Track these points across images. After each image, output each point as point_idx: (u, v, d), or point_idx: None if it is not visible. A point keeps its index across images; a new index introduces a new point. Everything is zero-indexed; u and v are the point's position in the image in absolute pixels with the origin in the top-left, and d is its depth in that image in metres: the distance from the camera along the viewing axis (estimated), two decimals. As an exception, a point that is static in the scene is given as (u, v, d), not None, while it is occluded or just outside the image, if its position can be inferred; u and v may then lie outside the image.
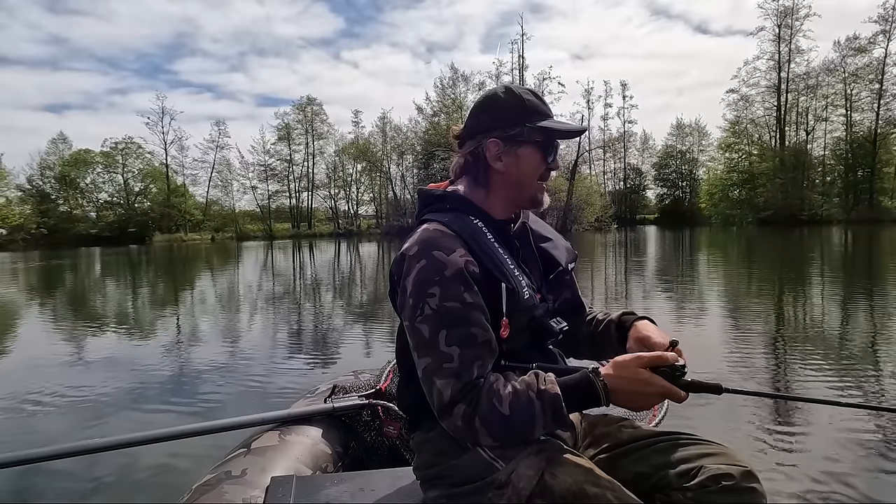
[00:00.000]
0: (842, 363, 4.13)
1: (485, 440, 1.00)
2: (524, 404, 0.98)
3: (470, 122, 1.19)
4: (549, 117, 1.17)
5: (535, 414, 0.98)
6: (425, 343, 1.02)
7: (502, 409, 0.98)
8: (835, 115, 47.96)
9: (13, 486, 2.48)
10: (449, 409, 0.99)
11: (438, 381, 1.00)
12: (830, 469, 2.41)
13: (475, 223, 1.13)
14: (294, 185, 57.45)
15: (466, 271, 1.03)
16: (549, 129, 1.14)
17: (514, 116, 1.14)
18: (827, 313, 6.47)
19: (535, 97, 1.17)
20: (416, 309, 1.03)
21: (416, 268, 1.04)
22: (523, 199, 1.19)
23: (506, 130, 1.14)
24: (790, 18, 46.63)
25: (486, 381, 1.00)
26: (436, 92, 51.11)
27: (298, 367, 4.61)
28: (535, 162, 1.16)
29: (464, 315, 1.01)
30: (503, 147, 1.14)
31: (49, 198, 52.11)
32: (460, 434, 1.01)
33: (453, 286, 1.02)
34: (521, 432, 0.99)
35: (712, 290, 8.54)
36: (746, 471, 1.00)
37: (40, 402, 3.80)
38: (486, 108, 1.17)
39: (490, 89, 1.22)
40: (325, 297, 9.79)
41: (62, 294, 11.91)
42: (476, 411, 0.98)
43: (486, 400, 0.98)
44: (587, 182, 49.55)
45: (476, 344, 1.01)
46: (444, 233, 1.08)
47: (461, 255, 1.05)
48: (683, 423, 2.90)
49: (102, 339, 6.31)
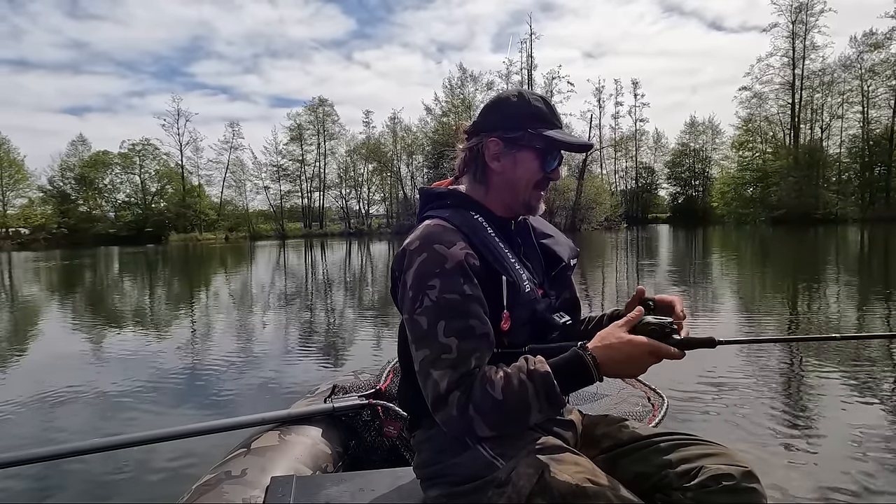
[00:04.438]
0: (858, 365, 4.07)
1: (480, 429, 0.99)
2: (517, 388, 0.97)
3: (478, 119, 1.21)
4: (556, 128, 1.16)
5: (528, 396, 0.97)
6: (423, 335, 1.02)
7: (495, 393, 0.97)
8: (851, 112, 47.28)
9: (14, 486, 2.49)
10: (444, 398, 0.98)
11: (435, 373, 0.99)
12: (831, 469, 2.39)
13: (476, 219, 1.14)
14: (306, 186, 57.91)
15: (467, 264, 1.04)
16: (550, 138, 1.14)
17: (519, 120, 1.15)
18: (842, 318, 6.36)
19: (546, 106, 1.18)
20: (415, 301, 1.03)
21: (417, 261, 1.05)
22: (517, 203, 1.19)
23: (507, 132, 1.15)
24: (804, 14, 45.97)
25: (480, 370, 1.00)
26: (445, 92, 51.28)
27: (299, 367, 4.61)
28: (531, 168, 1.16)
29: (463, 307, 1.01)
30: (503, 148, 1.16)
31: (69, 198, 53.24)
32: (455, 426, 0.99)
33: (453, 278, 1.02)
34: (516, 418, 0.98)
35: (723, 296, 8.43)
36: (746, 471, 0.99)
37: (41, 401, 3.83)
38: (494, 108, 1.19)
39: (505, 91, 1.23)
40: (329, 296, 9.82)
41: (82, 293, 12.09)
42: (470, 399, 0.97)
43: (479, 387, 0.98)
44: (597, 181, 49.30)
45: (474, 336, 1.01)
46: (446, 227, 1.09)
47: (462, 248, 1.05)
48: (684, 424, 2.91)
49: (112, 337, 6.37)
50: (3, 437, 3.21)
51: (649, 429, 1.20)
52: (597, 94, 57.59)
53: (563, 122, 1.21)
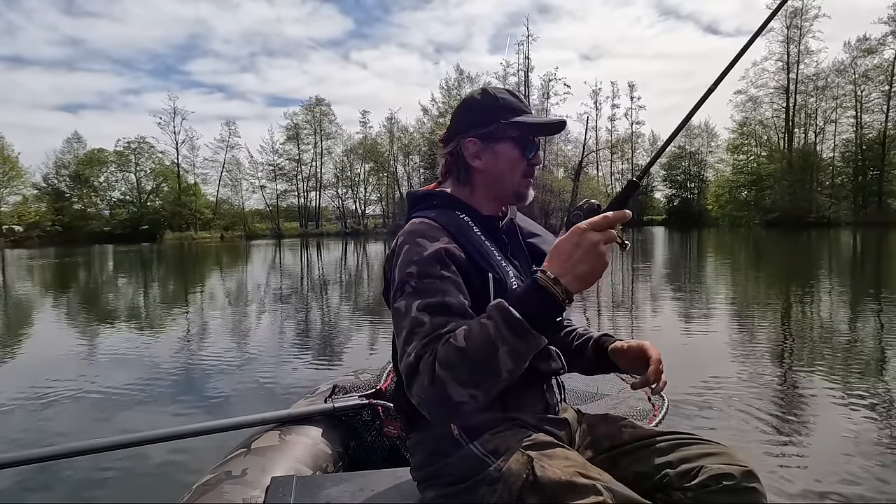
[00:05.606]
0: (851, 369, 4.09)
1: (455, 391, 0.91)
2: (477, 330, 0.93)
3: (451, 124, 1.22)
4: (527, 114, 1.18)
5: (490, 333, 0.92)
6: (402, 316, 1.00)
7: (458, 342, 0.93)
8: (844, 117, 47.61)
9: (13, 486, 2.48)
10: (415, 367, 0.94)
11: (408, 348, 0.97)
12: (831, 469, 2.40)
13: (462, 218, 1.15)
14: (302, 185, 57.89)
15: (446, 254, 1.04)
16: (523, 123, 1.16)
17: (489, 115, 1.16)
18: (838, 321, 6.39)
19: (512, 95, 1.20)
20: (398, 291, 1.03)
21: (402, 254, 1.06)
22: (507, 194, 1.20)
23: (481, 129, 1.16)
24: (799, 19, 46.32)
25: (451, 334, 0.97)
26: (441, 93, 51.36)
27: (299, 367, 4.60)
28: (513, 157, 1.17)
29: (440, 287, 1.00)
30: (481, 145, 1.17)
31: (64, 196, 52.97)
32: (429, 397, 0.93)
33: (432, 265, 1.02)
34: (484, 362, 0.91)
35: (717, 300, 8.47)
36: (747, 471, 1.00)
37: (35, 402, 3.80)
38: (464, 109, 1.21)
39: (470, 91, 1.25)
40: (327, 296, 9.80)
41: (75, 291, 12.00)
42: (437, 358, 0.93)
43: (443, 344, 0.94)
44: (593, 183, 49.40)
45: (449, 311, 0.99)
46: (431, 225, 1.10)
47: (445, 241, 1.06)
48: (684, 424, 2.92)
49: (108, 337, 6.34)
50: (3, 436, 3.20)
51: (650, 429, 1.19)
52: (593, 97, 58.00)
53: (532, 110, 1.23)
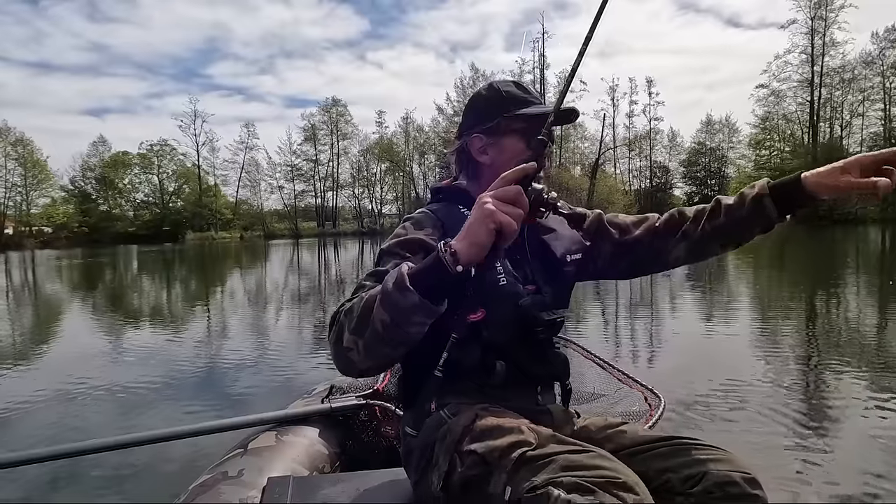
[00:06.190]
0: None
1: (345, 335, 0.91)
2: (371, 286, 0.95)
3: (460, 122, 1.25)
4: (535, 105, 1.17)
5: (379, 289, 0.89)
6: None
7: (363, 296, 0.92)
8: (872, 110, 46.44)
9: (10, 487, 2.49)
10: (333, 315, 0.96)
11: None
12: (834, 475, 2.34)
13: (462, 211, 1.16)
14: (319, 185, 58.52)
15: (419, 245, 1.05)
16: (527, 115, 1.14)
17: (493, 109, 1.17)
18: (864, 323, 6.24)
19: (518, 87, 1.19)
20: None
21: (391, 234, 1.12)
22: None
23: (485, 124, 1.17)
24: (824, 10, 45.24)
25: None
26: (457, 92, 51.36)
27: (296, 367, 4.59)
28: (517, 149, 1.16)
29: (394, 263, 0.99)
30: (486, 140, 1.17)
31: (90, 198, 54.63)
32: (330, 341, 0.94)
33: (401, 247, 1.05)
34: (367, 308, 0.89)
35: (740, 300, 8.33)
36: (750, 477, 0.97)
37: (31, 402, 3.81)
38: (470, 106, 1.23)
39: (478, 88, 1.26)
40: (331, 296, 9.82)
41: (101, 290, 12.32)
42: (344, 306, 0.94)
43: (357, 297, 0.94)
44: (610, 181, 49.02)
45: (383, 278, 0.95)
46: (427, 216, 1.14)
47: (427, 234, 1.08)
48: (685, 427, 2.86)
49: (115, 336, 6.44)
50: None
51: (651, 432, 1.17)
52: (611, 93, 57.31)
53: (540, 99, 1.20)
